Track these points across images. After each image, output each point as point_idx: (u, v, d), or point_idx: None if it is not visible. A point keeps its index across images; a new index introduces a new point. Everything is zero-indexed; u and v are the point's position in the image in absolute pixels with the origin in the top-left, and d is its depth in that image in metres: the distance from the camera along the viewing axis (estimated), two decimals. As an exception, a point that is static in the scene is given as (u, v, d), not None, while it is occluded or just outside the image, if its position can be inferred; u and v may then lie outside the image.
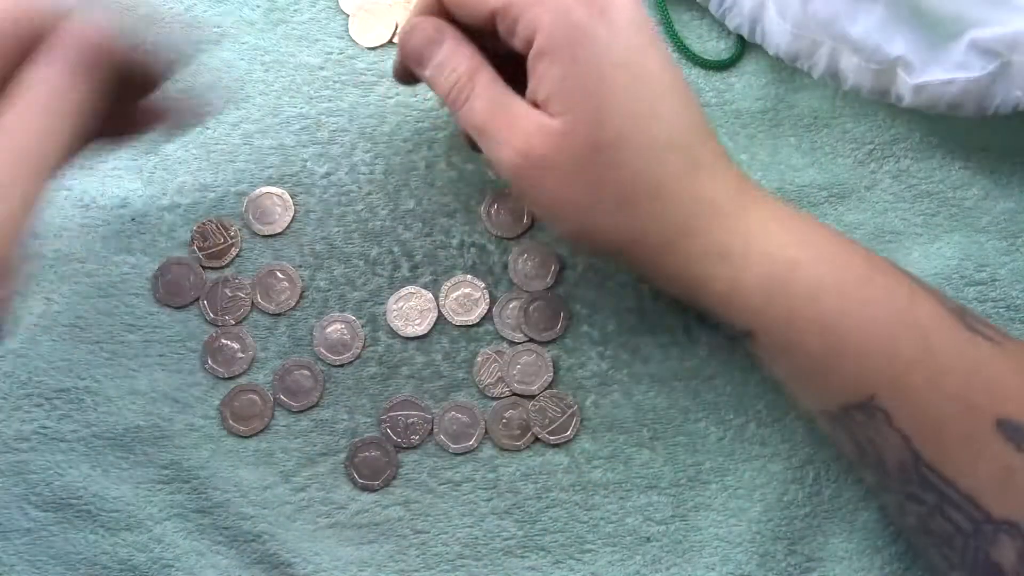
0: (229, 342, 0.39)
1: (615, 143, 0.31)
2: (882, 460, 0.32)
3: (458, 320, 0.39)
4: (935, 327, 0.31)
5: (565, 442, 0.39)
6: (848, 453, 0.34)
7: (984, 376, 0.30)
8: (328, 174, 0.40)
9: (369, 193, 0.40)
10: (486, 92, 0.32)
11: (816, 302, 0.31)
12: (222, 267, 0.40)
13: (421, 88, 0.41)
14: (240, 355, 0.39)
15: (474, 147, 0.35)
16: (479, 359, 0.39)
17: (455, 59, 0.33)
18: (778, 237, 0.32)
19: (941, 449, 0.30)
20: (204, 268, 0.40)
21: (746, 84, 0.41)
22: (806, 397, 0.35)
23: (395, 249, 0.40)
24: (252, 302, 0.39)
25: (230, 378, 0.39)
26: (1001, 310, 0.40)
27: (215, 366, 0.39)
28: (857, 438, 0.32)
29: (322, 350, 0.39)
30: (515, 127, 0.32)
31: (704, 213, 0.32)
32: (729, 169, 0.33)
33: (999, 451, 0.29)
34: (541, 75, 0.31)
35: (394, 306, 0.39)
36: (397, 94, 0.41)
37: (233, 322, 0.39)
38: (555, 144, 0.31)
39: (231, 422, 0.38)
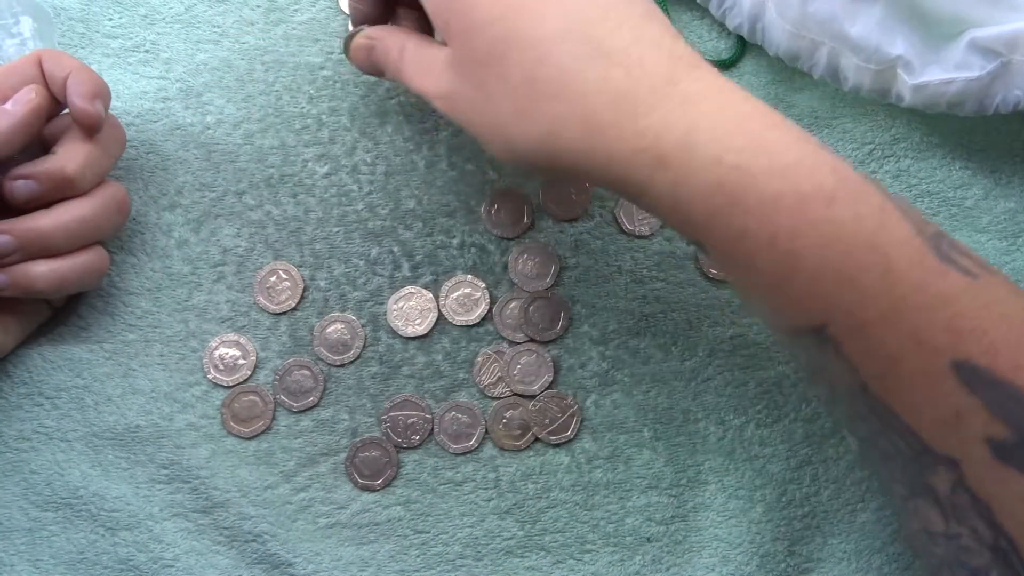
0: (229, 350, 0.39)
1: (496, 52, 0.29)
2: (832, 383, 0.31)
3: (458, 320, 0.39)
4: (901, 255, 0.27)
5: (566, 442, 0.39)
6: (803, 367, 0.33)
7: (949, 313, 0.27)
8: (329, 174, 0.40)
9: (370, 193, 0.40)
10: (411, 57, 0.34)
11: (770, 220, 0.27)
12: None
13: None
14: (242, 361, 0.39)
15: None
16: (479, 359, 0.39)
17: (386, 47, 0.35)
18: (728, 139, 0.28)
19: (891, 385, 0.28)
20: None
21: (746, 84, 0.42)
22: (760, 313, 0.32)
23: (395, 249, 0.40)
24: (253, 303, 0.39)
25: (233, 386, 0.39)
26: (1001, 310, 0.40)
27: (218, 375, 0.39)
28: (809, 359, 0.31)
29: (322, 350, 0.39)
30: (429, 75, 0.32)
31: (619, 106, 0.28)
32: (658, 52, 0.29)
33: (951, 393, 0.27)
34: (427, 9, 0.32)
35: (394, 306, 0.39)
36: (398, 94, 0.41)
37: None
38: (453, 73, 0.31)
39: (232, 423, 0.38)
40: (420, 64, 0.33)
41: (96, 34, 0.41)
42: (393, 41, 0.35)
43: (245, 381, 0.39)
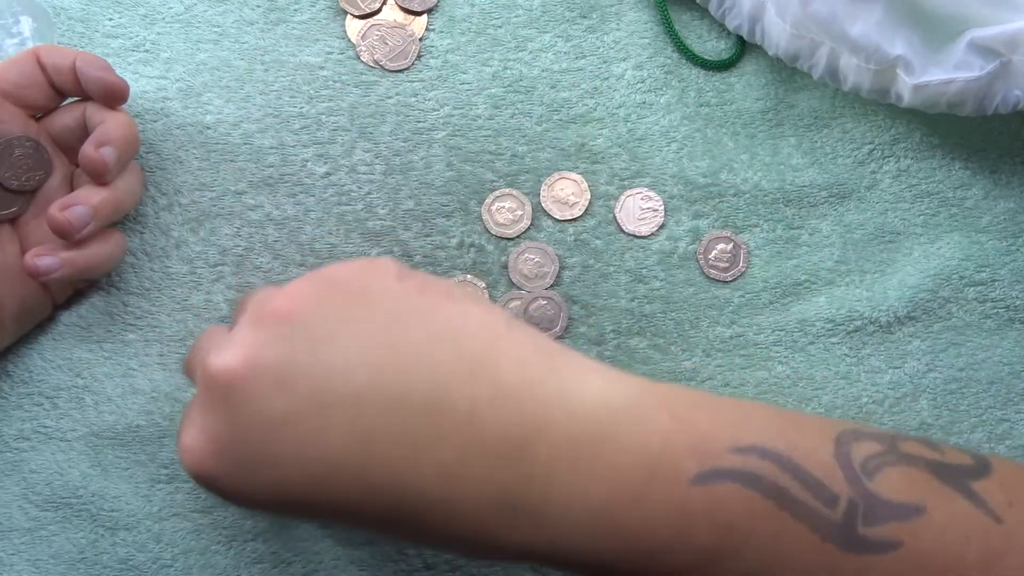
0: None
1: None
2: None
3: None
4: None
5: (565, 442, 0.39)
6: None
7: None
8: (328, 174, 0.40)
9: (369, 193, 0.40)
10: None
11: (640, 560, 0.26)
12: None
13: (421, 88, 0.41)
14: None
15: None
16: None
17: None
18: (590, 544, 0.26)
19: None
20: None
21: (746, 84, 0.41)
22: None
23: (395, 249, 0.40)
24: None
25: None
26: (1001, 310, 0.40)
27: None
28: None
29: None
30: None
31: (476, 483, 0.26)
32: (479, 483, 0.26)
33: None
34: None
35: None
36: (397, 94, 0.41)
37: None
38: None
39: None
40: None
41: (96, 34, 0.41)
42: None
43: None
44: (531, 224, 0.40)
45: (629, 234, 0.40)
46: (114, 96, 0.36)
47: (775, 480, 0.26)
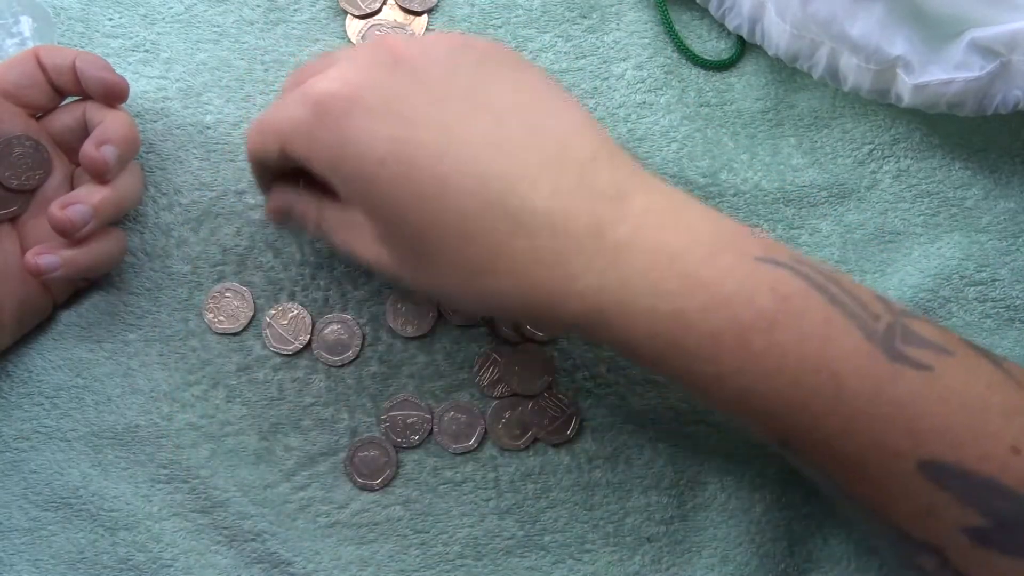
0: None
1: (423, 235, 0.29)
2: (811, 479, 0.31)
3: (458, 320, 0.39)
4: (850, 369, 0.27)
5: (565, 442, 0.39)
6: None
7: (907, 416, 0.27)
8: (328, 174, 0.40)
9: (369, 193, 0.40)
10: (335, 225, 0.33)
11: (713, 360, 0.28)
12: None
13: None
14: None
15: None
16: (479, 359, 0.39)
17: (303, 213, 0.35)
18: (661, 284, 0.28)
19: (859, 487, 0.29)
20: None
21: (746, 84, 0.42)
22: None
23: (395, 249, 0.40)
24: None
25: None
26: (1001, 310, 0.40)
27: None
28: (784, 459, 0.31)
29: (322, 352, 0.39)
30: (359, 242, 0.32)
31: (552, 272, 0.28)
32: (579, 199, 0.29)
33: (921, 489, 0.27)
34: (343, 195, 0.31)
35: (395, 305, 0.39)
36: (397, 94, 0.41)
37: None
38: (385, 247, 0.31)
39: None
40: (346, 231, 0.32)
41: (96, 34, 0.41)
42: (308, 208, 0.34)
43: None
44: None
45: (629, 234, 0.40)
46: (114, 95, 0.36)
47: (825, 285, 0.28)
